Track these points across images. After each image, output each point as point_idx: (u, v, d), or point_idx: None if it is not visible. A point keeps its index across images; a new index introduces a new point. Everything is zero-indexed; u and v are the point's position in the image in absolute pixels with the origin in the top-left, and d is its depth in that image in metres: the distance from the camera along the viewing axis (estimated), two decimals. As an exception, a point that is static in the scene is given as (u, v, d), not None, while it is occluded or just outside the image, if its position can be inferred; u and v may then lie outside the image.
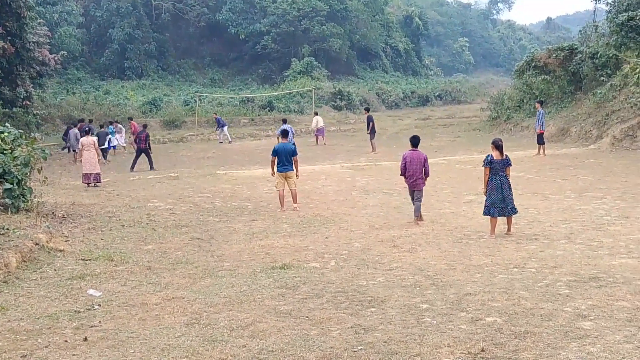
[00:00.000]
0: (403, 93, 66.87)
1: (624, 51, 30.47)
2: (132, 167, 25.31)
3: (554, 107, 33.50)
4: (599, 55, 31.60)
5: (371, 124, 30.67)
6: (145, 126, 28.83)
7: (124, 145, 33.96)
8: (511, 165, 12.20)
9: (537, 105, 26.18)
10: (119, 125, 34.39)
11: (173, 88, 60.50)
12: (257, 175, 22.14)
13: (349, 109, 54.82)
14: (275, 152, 15.56)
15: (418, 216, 13.45)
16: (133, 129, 34.20)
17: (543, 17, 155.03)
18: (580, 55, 33.01)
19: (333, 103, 54.91)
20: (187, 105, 49.70)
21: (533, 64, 36.35)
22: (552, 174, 19.53)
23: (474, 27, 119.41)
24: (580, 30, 42.18)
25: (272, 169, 15.88)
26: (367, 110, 33.27)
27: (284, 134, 16.47)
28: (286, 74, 62.50)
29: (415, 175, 13.40)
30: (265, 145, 32.78)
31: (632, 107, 26.71)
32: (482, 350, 6.55)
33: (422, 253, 10.86)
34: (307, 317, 7.87)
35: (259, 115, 48.44)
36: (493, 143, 12.12)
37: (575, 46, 34.96)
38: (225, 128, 38.60)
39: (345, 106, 54.84)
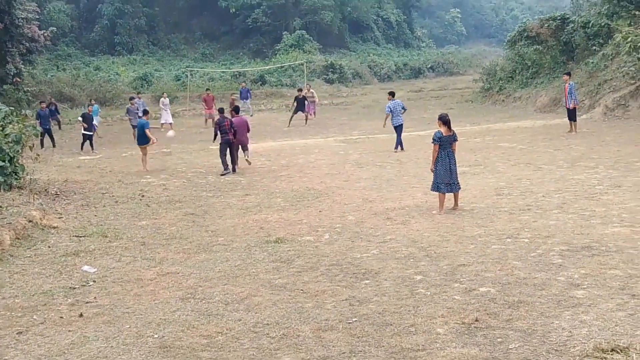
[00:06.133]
0: (395, 65, 66.49)
1: (615, 20, 30.28)
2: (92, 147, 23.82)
3: (546, 77, 33.47)
4: (590, 24, 31.48)
5: (303, 102, 30.32)
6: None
7: (171, 122, 30.50)
8: (457, 141, 12.23)
9: (565, 77, 23.07)
10: (167, 99, 32.04)
11: (164, 63, 60.14)
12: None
13: (341, 82, 54.59)
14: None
15: None
16: (206, 102, 31.85)
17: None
18: (572, 25, 32.91)
19: (325, 76, 54.68)
20: (179, 80, 49.46)
21: (525, 34, 36.27)
22: (545, 144, 19.54)
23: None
24: (572, 0, 42.00)
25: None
26: (300, 90, 31.84)
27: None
28: (277, 47, 62.11)
29: None
30: (257, 120, 32.63)
31: (624, 76, 26.64)
32: (476, 320, 6.60)
33: (415, 225, 10.89)
34: (301, 290, 7.91)
35: (251, 90, 48.23)
36: (441, 119, 11.93)
37: (567, 16, 34.87)
38: (248, 101, 36.68)
39: (337, 79, 54.62)
